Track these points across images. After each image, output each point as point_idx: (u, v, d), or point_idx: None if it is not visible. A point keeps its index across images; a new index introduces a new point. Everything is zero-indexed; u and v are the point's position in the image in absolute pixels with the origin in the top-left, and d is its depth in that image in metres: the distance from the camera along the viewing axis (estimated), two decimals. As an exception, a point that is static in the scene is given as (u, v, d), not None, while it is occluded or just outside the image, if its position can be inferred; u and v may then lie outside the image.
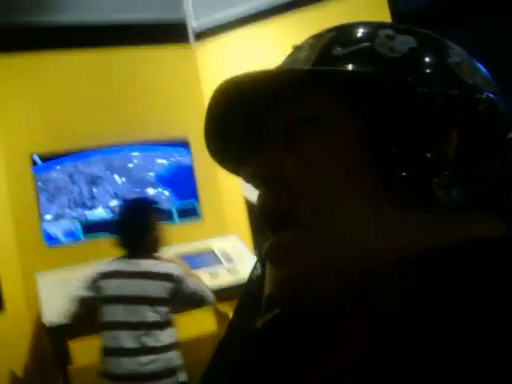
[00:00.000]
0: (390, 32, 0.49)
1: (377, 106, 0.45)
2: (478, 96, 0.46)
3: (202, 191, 3.48)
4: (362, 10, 2.94)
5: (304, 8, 3.18)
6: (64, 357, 2.57)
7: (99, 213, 3.32)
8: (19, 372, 2.83)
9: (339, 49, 0.48)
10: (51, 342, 2.60)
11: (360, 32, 0.50)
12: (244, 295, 0.60)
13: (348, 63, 0.47)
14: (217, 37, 3.54)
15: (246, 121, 0.53)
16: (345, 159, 0.46)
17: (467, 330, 0.38)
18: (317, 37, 0.52)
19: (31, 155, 3.20)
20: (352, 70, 0.47)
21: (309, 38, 0.53)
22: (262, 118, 0.52)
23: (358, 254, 0.45)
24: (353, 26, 0.52)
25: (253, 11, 3.48)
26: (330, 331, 0.50)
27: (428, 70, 0.47)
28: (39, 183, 3.21)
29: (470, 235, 0.45)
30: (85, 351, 2.79)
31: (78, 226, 3.25)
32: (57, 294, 2.67)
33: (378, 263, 0.45)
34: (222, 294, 2.78)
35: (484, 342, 0.37)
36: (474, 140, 0.46)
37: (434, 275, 0.42)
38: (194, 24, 3.71)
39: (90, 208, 3.31)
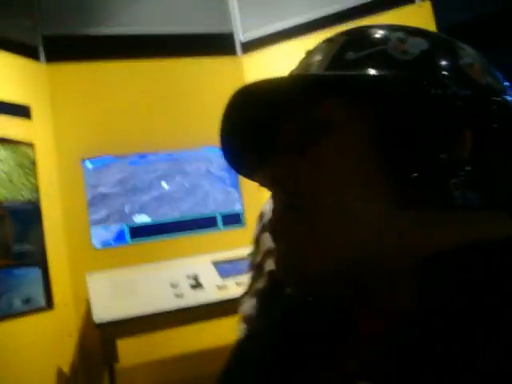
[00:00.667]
0: (401, 35, 0.49)
1: (391, 109, 0.45)
2: (491, 96, 0.46)
3: (245, 199, 3.53)
4: (409, 24, 2.95)
5: (352, 22, 3.22)
6: (112, 354, 2.63)
7: (146, 217, 3.40)
8: (65, 368, 2.91)
9: (351, 53, 0.48)
10: (101, 339, 2.67)
11: (372, 36, 0.50)
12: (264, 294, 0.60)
13: (361, 67, 0.47)
14: (264, 49, 3.60)
15: (260, 127, 0.53)
16: (358, 163, 0.46)
17: (469, 331, 0.38)
18: (329, 41, 0.51)
19: (82, 160, 3.30)
20: (365, 74, 0.46)
21: (321, 43, 0.52)
22: (276, 124, 0.51)
23: (368, 255, 0.45)
24: (365, 30, 0.51)
25: (300, 23, 3.53)
26: (334, 332, 0.50)
27: (441, 72, 0.46)
28: (89, 187, 3.30)
29: (485, 236, 0.44)
30: (132, 351, 2.87)
31: (126, 230, 3.33)
32: (106, 293, 2.76)
33: (389, 263, 0.45)
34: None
35: (484, 343, 0.37)
36: (489, 140, 0.45)
37: (444, 276, 0.42)
38: (241, 36, 3.80)
39: (138, 212, 3.39)
